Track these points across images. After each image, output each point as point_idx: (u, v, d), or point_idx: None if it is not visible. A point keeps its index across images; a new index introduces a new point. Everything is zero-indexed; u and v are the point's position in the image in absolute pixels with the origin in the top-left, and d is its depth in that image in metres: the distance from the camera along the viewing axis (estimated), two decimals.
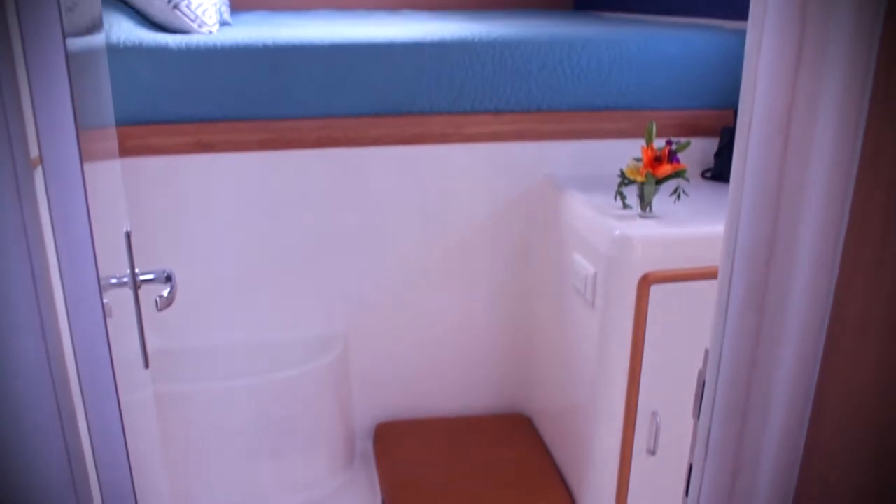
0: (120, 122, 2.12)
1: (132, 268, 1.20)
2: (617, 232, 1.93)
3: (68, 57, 0.77)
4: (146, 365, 1.33)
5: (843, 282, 0.89)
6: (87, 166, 0.87)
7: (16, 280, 0.79)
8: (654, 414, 1.99)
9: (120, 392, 0.98)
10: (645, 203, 2.02)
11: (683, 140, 2.01)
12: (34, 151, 0.79)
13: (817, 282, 0.90)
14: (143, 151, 2.15)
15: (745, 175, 0.91)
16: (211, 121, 2.18)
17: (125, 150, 2.11)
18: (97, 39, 1.23)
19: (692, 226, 1.98)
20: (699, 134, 2.41)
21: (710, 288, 1.05)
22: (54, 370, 0.85)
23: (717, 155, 2.39)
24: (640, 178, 1.99)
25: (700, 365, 1.06)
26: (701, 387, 1.06)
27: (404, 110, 2.28)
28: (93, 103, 1.07)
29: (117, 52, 2.07)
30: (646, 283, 1.89)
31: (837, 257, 0.88)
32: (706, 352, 1.04)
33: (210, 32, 2.37)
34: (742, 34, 2.23)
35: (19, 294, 0.80)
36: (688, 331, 1.86)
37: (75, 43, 0.91)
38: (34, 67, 0.75)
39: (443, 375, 2.58)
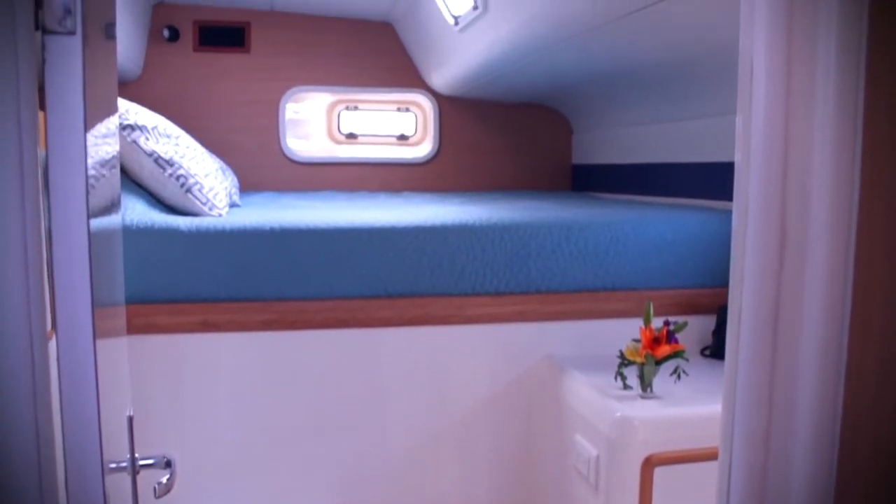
0: (127, 301, 2.15)
1: (132, 453, 1.18)
2: (618, 413, 1.92)
3: (90, 236, 0.80)
4: None
5: (843, 466, 0.89)
6: (97, 343, 0.89)
7: (21, 458, 0.79)
8: None
9: None
10: (645, 384, 2.02)
11: (681, 320, 2.04)
12: (49, 322, 0.81)
13: (817, 467, 0.90)
14: (148, 330, 2.17)
15: (738, 367, 0.92)
16: (217, 301, 2.22)
17: (131, 328, 2.13)
18: (114, 220, 1.28)
19: (694, 406, 1.97)
20: (697, 312, 2.44)
21: (716, 469, 1.04)
22: None
23: (716, 333, 2.41)
24: (639, 360, 2.00)
25: None
26: None
27: (406, 292, 2.33)
28: (106, 281, 1.10)
29: (130, 233, 2.14)
30: (649, 465, 1.86)
31: (836, 440, 0.89)
32: None
33: (220, 215, 2.45)
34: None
35: (22, 474, 0.80)
36: None
37: (93, 223, 0.95)
38: (58, 244, 0.79)
39: None
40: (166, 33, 4.43)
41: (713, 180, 3.14)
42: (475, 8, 3.22)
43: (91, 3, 0.84)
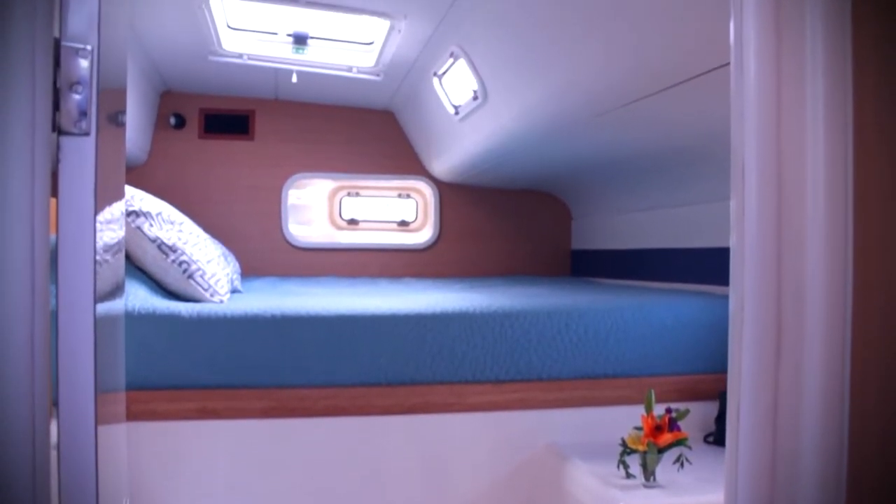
0: (126, 386, 2.14)
1: None
2: (621, 503, 1.89)
3: (97, 322, 0.81)
4: None
5: None
6: (98, 429, 0.88)
7: None
8: None
9: None
10: (648, 472, 1.99)
11: (682, 407, 2.02)
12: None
13: None
14: (146, 416, 2.15)
15: (738, 463, 0.92)
16: (216, 387, 2.21)
17: (128, 415, 2.11)
18: (117, 305, 1.28)
19: (698, 495, 1.94)
20: (699, 398, 2.43)
21: None
22: None
23: (718, 419, 2.39)
24: (641, 448, 1.98)
25: None
26: None
27: (407, 380, 2.31)
28: (108, 366, 1.10)
29: (131, 319, 2.14)
30: None
31: None
32: None
33: (221, 301, 2.46)
34: None
35: None
36: None
37: (97, 307, 0.96)
38: (63, 328, 0.79)
39: None
40: (172, 120, 4.53)
41: (712, 265, 3.16)
42: (475, 98, 3.30)
43: (105, 100, 0.87)
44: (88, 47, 0.82)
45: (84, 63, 0.81)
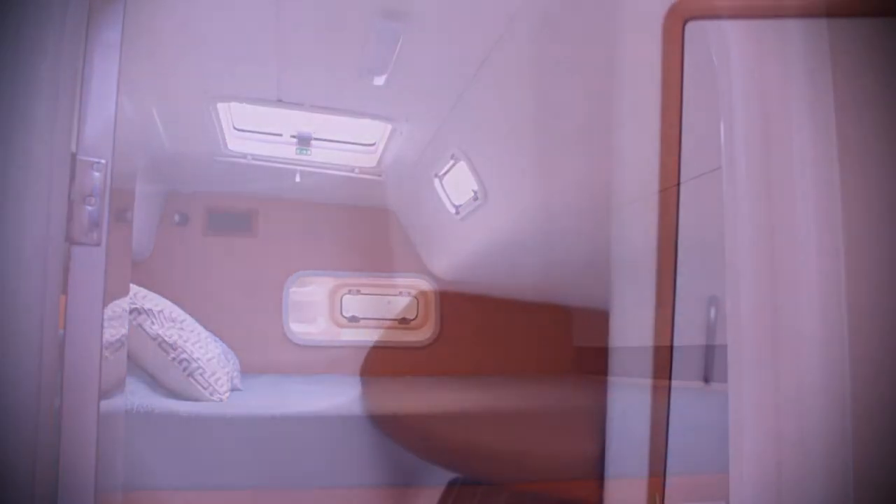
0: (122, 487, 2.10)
1: None
2: None
3: (100, 418, 0.82)
4: None
5: None
6: None
7: None
8: None
9: None
10: None
11: None
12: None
13: None
14: None
15: None
16: (214, 489, 2.17)
17: None
18: (118, 403, 1.28)
19: None
20: (704, 500, 2.38)
21: None
22: None
23: None
24: None
25: None
26: None
27: (411, 482, 2.28)
28: (107, 466, 1.09)
29: (129, 417, 2.12)
30: None
31: None
32: None
33: (220, 400, 2.44)
34: None
35: None
36: None
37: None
38: (67, 426, 0.79)
39: None
40: (177, 218, 4.57)
41: (717, 362, 3.14)
42: (475, 199, 3.35)
43: (114, 200, 0.90)
44: (103, 161, 0.85)
45: (98, 175, 0.84)
